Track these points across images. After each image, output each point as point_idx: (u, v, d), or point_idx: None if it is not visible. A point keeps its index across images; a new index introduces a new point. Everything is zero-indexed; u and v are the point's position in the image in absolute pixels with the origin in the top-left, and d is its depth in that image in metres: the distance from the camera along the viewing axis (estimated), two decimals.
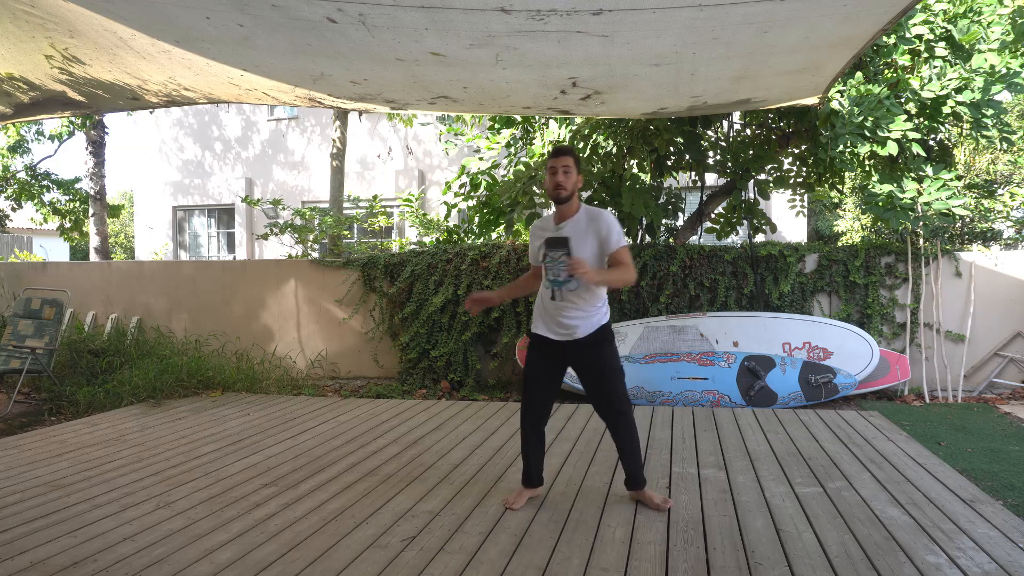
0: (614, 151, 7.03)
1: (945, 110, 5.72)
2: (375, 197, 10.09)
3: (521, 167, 7.54)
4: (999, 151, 10.41)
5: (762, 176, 6.96)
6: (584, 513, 3.28)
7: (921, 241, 6.46)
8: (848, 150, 5.85)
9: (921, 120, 5.88)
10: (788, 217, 9.77)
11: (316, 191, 14.79)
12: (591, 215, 3.23)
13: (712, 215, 7.12)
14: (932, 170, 5.93)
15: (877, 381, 6.02)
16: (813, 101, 4.74)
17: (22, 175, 12.34)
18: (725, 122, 7.13)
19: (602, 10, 2.83)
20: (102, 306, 7.93)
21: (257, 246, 14.99)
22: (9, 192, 12.19)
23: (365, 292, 7.25)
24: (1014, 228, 10.97)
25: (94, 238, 11.67)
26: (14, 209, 12.32)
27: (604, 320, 3.25)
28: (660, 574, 2.65)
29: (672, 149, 6.78)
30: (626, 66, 3.64)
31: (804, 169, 6.88)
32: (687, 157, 6.77)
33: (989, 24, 5.71)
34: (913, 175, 5.98)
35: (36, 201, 12.35)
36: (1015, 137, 6.90)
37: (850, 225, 12.82)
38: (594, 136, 7.09)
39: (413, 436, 4.82)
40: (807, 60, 3.69)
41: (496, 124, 7.84)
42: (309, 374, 7.33)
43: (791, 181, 6.92)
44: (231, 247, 15.59)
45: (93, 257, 11.75)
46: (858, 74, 5.85)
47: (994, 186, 11.09)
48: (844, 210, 13.38)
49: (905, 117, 5.64)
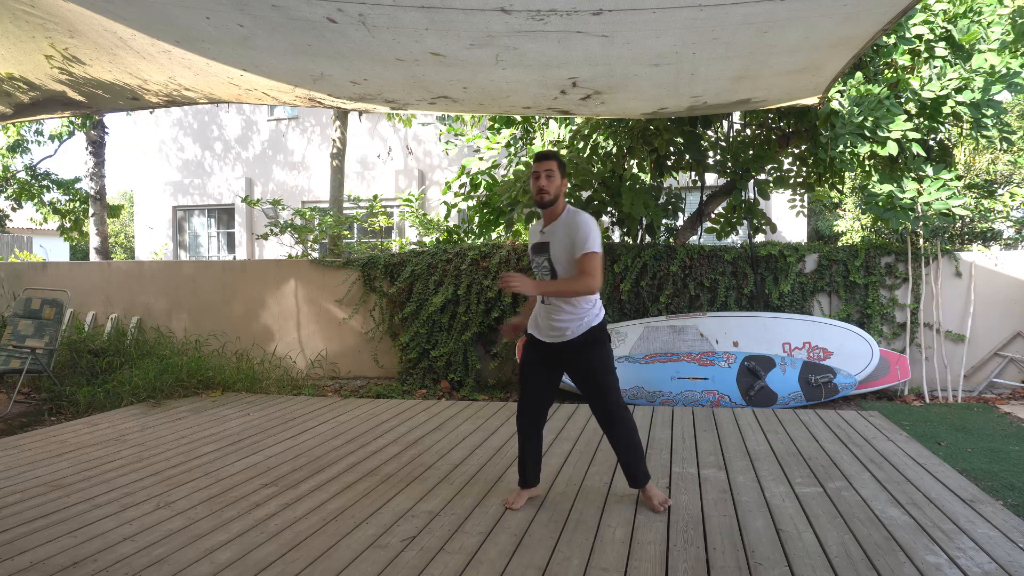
0: (614, 151, 7.03)
1: (945, 110, 5.72)
2: (375, 197, 10.09)
3: (521, 167, 7.54)
4: (999, 151, 10.41)
5: (762, 176, 6.96)
6: (584, 513, 3.28)
7: (921, 241, 6.46)
8: (848, 150, 5.85)
9: (921, 120, 5.88)
10: (788, 217, 9.78)
11: (316, 191, 14.79)
12: (570, 218, 3.19)
13: (712, 215, 7.12)
14: (932, 170, 5.93)
15: (877, 381, 6.02)
16: (813, 101, 4.75)
17: (22, 175, 12.35)
18: (725, 122, 7.13)
19: (602, 10, 2.83)
20: (102, 306, 7.93)
21: (257, 246, 14.99)
22: (9, 192, 12.19)
23: (365, 292, 7.25)
24: (1014, 228, 10.97)
25: (94, 238, 11.67)
26: (14, 209, 12.33)
27: (595, 322, 3.22)
28: (660, 574, 2.65)
29: (672, 149, 6.78)
30: (626, 66, 3.64)
31: (804, 169, 6.88)
32: (687, 157, 6.77)
33: (989, 24, 5.72)
34: (913, 175, 5.98)
35: (36, 201, 12.35)
36: (1015, 137, 6.90)
37: (850, 225, 12.82)
38: (594, 136, 7.09)
39: (413, 436, 4.82)
40: (807, 60, 3.69)
41: (496, 124, 7.84)
42: (309, 374, 7.33)
43: (791, 181, 6.92)
44: (231, 247, 15.59)
45: (93, 257, 11.75)
46: (858, 74, 5.85)
47: (994, 186, 11.09)
48: (844, 210, 13.38)
49: (905, 117, 5.64)
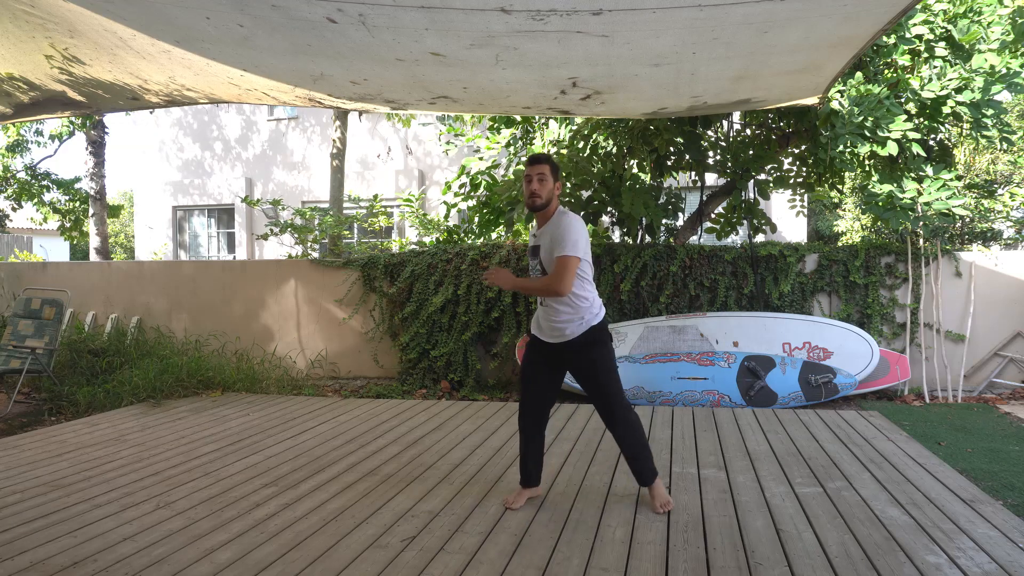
0: (614, 151, 7.03)
1: (945, 110, 5.72)
2: (375, 197, 10.09)
3: (521, 167, 7.54)
4: (999, 151, 10.41)
5: (762, 176, 6.96)
6: (584, 513, 3.28)
7: (921, 241, 6.46)
8: (848, 150, 5.85)
9: (921, 120, 5.88)
10: (788, 217, 9.77)
11: (316, 191, 14.79)
12: (557, 220, 3.21)
13: (712, 215, 7.12)
14: (932, 170, 5.93)
15: (877, 381, 6.02)
16: (813, 101, 4.75)
17: (22, 175, 12.35)
18: (725, 122, 7.13)
19: (602, 10, 2.83)
20: (102, 306, 7.93)
21: (257, 246, 14.99)
22: (9, 192, 12.20)
23: (365, 292, 7.25)
24: (1014, 228, 10.97)
25: (94, 238, 11.67)
26: (14, 209, 12.33)
27: (595, 321, 3.23)
28: (660, 574, 2.65)
29: (672, 149, 6.78)
30: (626, 66, 3.64)
31: (804, 169, 6.88)
32: (687, 157, 6.77)
33: (989, 24, 5.71)
34: (913, 175, 5.98)
35: (36, 201, 12.36)
36: (1015, 137, 6.90)
37: (850, 225, 12.82)
38: (594, 136, 7.09)
39: (413, 436, 4.82)
40: (807, 60, 3.69)
41: (496, 124, 7.84)
42: (309, 374, 7.33)
43: (791, 181, 6.92)
44: (231, 247, 15.59)
45: (93, 257, 11.75)
46: (858, 74, 5.85)
47: (994, 186, 11.09)
48: (844, 210, 13.38)
49: (905, 117, 5.64)
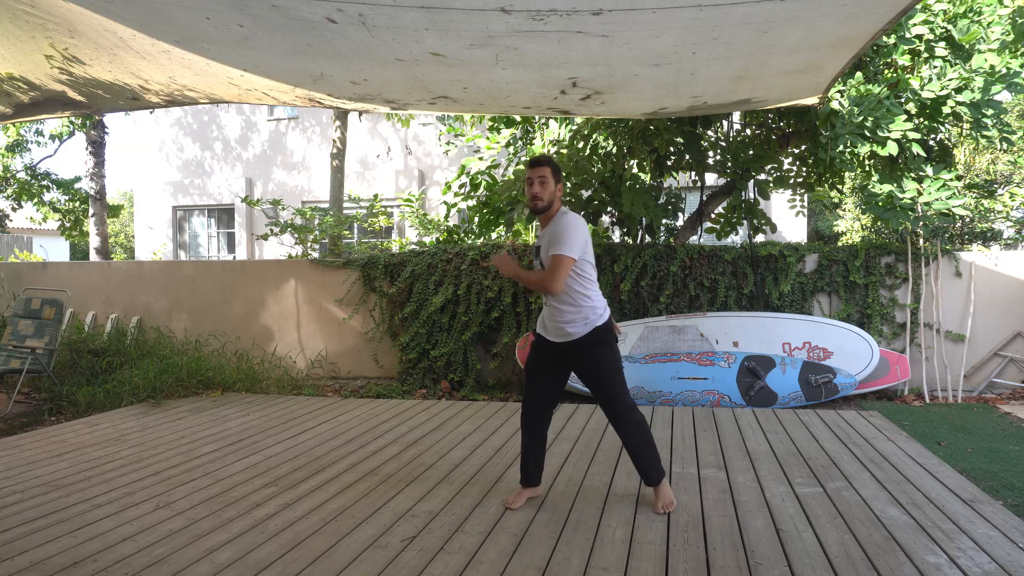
0: (614, 151, 7.02)
1: (945, 110, 5.72)
2: (375, 197, 10.09)
3: (521, 167, 7.54)
4: (999, 151, 10.41)
5: (762, 176, 6.96)
6: (584, 513, 3.28)
7: (921, 241, 6.45)
8: (848, 150, 5.85)
9: (921, 120, 5.88)
10: (788, 217, 9.77)
11: (316, 191, 14.78)
12: (557, 219, 3.23)
13: (712, 215, 7.12)
14: (932, 170, 5.93)
15: (877, 381, 6.02)
16: (813, 101, 4.74)
17: (22, 175, 12.35)
18: (725, 122, 7.13)
19: (602, 10, 2.82)
20: (102, 306, 7.93)
21: (257, 246, 14.99)
22: (9, 192, 12.20)
23: (365, 292, 7.25)
24: (1014, 228, 10.97)
25: (94, 238, 11.68)
26: (14, 209, 12.33)
27: (599, 322, 3.25)
28: (660, 574, 2.65)
29: (672, 149, 6.78)
30: (626, 66, 3.64)
31: (804, 169, 6.88)
32: (687, 157, 6.77)
33: (989, 24, 5.71)
34: (913, 175, 5.98)
35: (36, 201, 12.36)
36: (1015, 137, 6.90)
37: (850, 225, 12.82)
38: (594, 136, 7.09)
39: (413, 436, 4.82)
40: (807, 60, 3.69)
41: (496, 124, 7.84)
42: (309, 374, 7.33)
43: (791, 181, 6.92)
44: (231, 247, 15.59)
45: (93, 257, 11.75)
46: (858, 74, 5.85)
47: (994, 186, 11.09)
48: (844, 210, 13.38)
49: (905, 117, 5.64)
